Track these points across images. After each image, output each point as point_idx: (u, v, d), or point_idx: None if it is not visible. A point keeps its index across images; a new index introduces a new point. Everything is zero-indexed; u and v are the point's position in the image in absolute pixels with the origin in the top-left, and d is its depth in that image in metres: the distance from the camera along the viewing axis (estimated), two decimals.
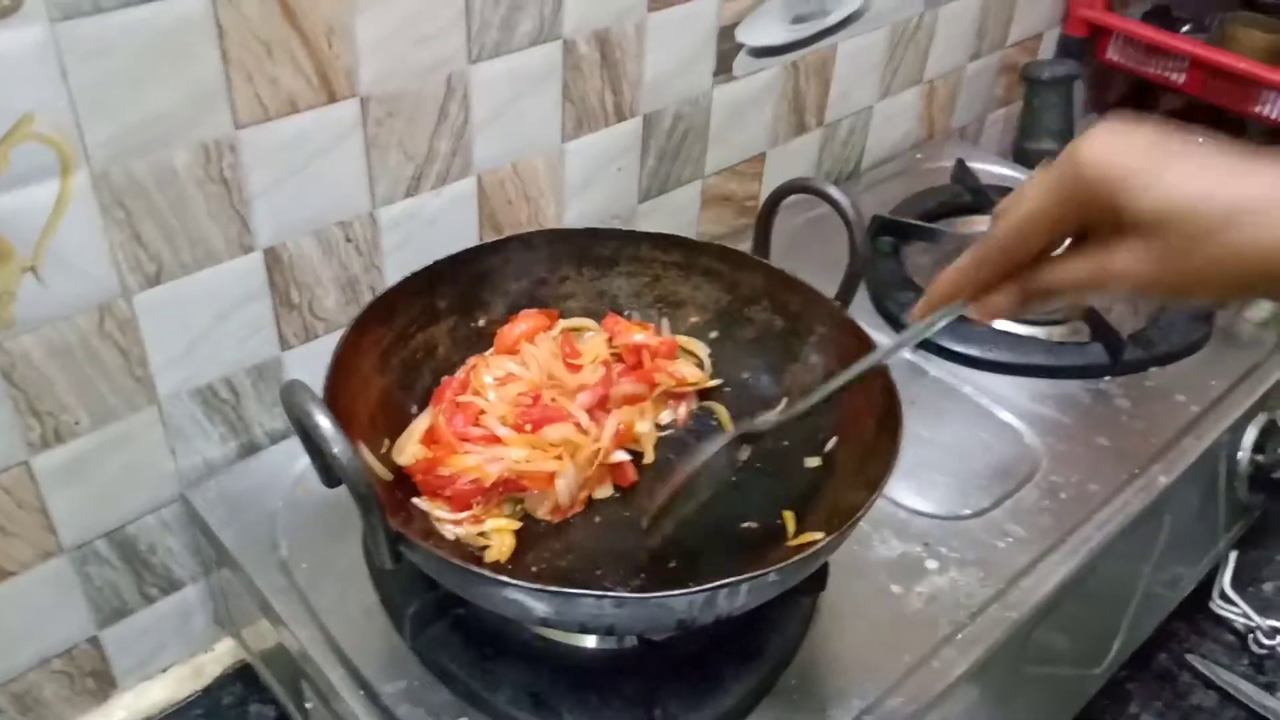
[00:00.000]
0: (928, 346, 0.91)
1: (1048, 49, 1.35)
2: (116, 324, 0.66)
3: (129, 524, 0.74)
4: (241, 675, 0.82)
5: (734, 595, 0.52)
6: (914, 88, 1.18)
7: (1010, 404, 0.86)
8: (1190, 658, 0.89)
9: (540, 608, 0.52)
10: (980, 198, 1.09)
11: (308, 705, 0.69)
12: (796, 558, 0.53)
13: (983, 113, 1.33)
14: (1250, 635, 0.90)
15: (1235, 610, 0.91)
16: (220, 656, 0.83)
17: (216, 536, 0.72)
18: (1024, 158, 1.29)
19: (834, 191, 0.68)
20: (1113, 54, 1.35)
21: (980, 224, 1.08)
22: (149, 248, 0.65)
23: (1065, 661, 0.79)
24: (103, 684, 0.78)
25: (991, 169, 1.18)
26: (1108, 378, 0.89)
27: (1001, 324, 0.94)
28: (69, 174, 0.59)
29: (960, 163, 1.12)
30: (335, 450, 0.49)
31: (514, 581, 0.51)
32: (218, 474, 0.77)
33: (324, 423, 0.49)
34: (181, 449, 0.74)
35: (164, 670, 0.81)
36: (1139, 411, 0.86)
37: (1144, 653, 0.89)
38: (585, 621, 0.53)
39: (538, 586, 0.50)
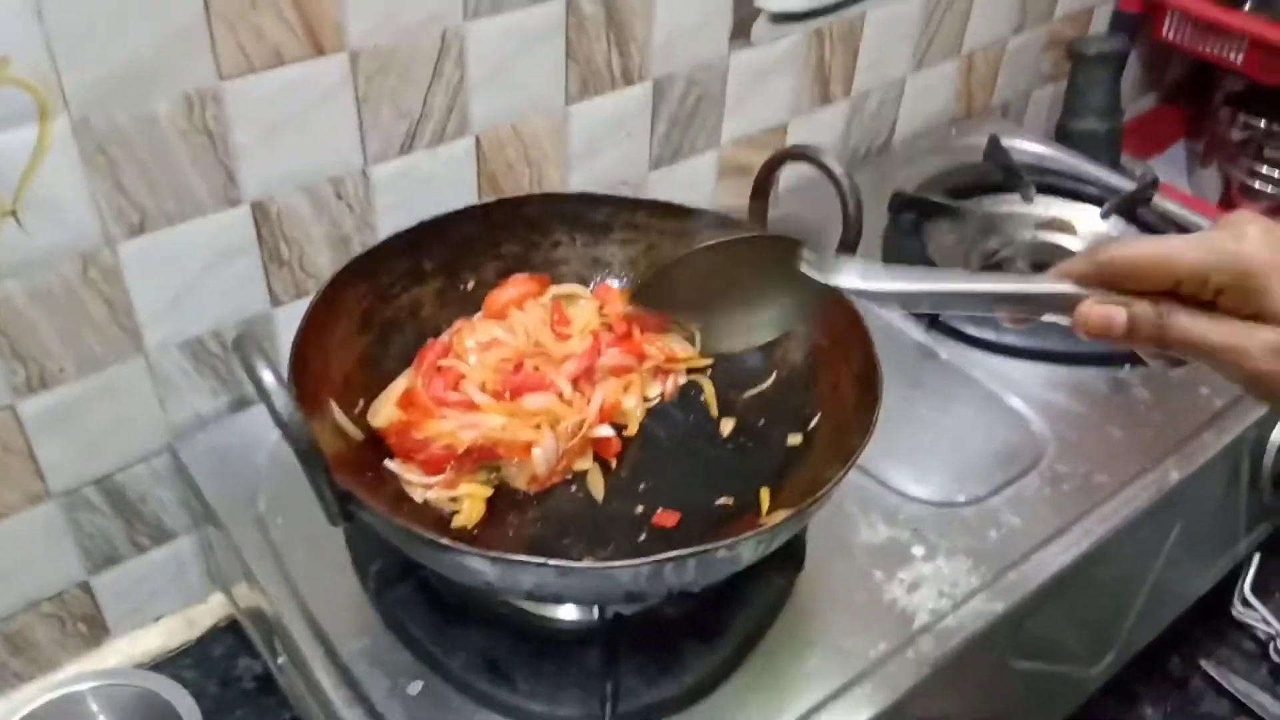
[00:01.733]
0: (940, 328, 0.88)
1: (1100, 25, 1.29)
2: (100, 272, 0.66)
3: (118, 473, 0.75)
4: (233, 629, 0.83)
5: (681, 569, 0.51)
6: (951, 60, 1.14)
7: (1021, 390, 0.82)
8: (1204, 663, 0.85)
9: (483, 570, 0.51)
10: (1013, 176, 1.05)
11: (280, 661, 0.69)
12: (748, 534, 0.51)
13: (1026, 90, 1.28)
14: (1271, 643, 0.86)
15: (1256, 616, 0.86)
16: (213, 609, 0.84)
17: (200, 489, 0.73)
18: (1067, 137, 1.24)
19: (827, 158, 0.66)
20: (1168, 32, 1.28)
21: (1010, 203, 1.04)
22: (132, 196, 0.65)
23: (1059, 658, 0.75)
24: (95, 629, 0.80)
25: (1030, 147, 1.14)
26: (1128, 366, 0.85)
27: None
28: (47, 119, 0.59)
29: (993, 139, 1.08)
30: (276, 403, 0.48)
31: (456, 546, 0.50)
32: (207, 427, 0.77)
33: (265, 375, 0.49)
34: (171, 401, 0.75)
35: (156, 619, 0.82)
36: (1158, 403, 0.82)
37: (1156, 655, 0.86)
38: (531, 589, 0.52)
39: (476, 550, 0.50)
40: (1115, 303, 0.47)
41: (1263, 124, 1.32)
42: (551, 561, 0.49)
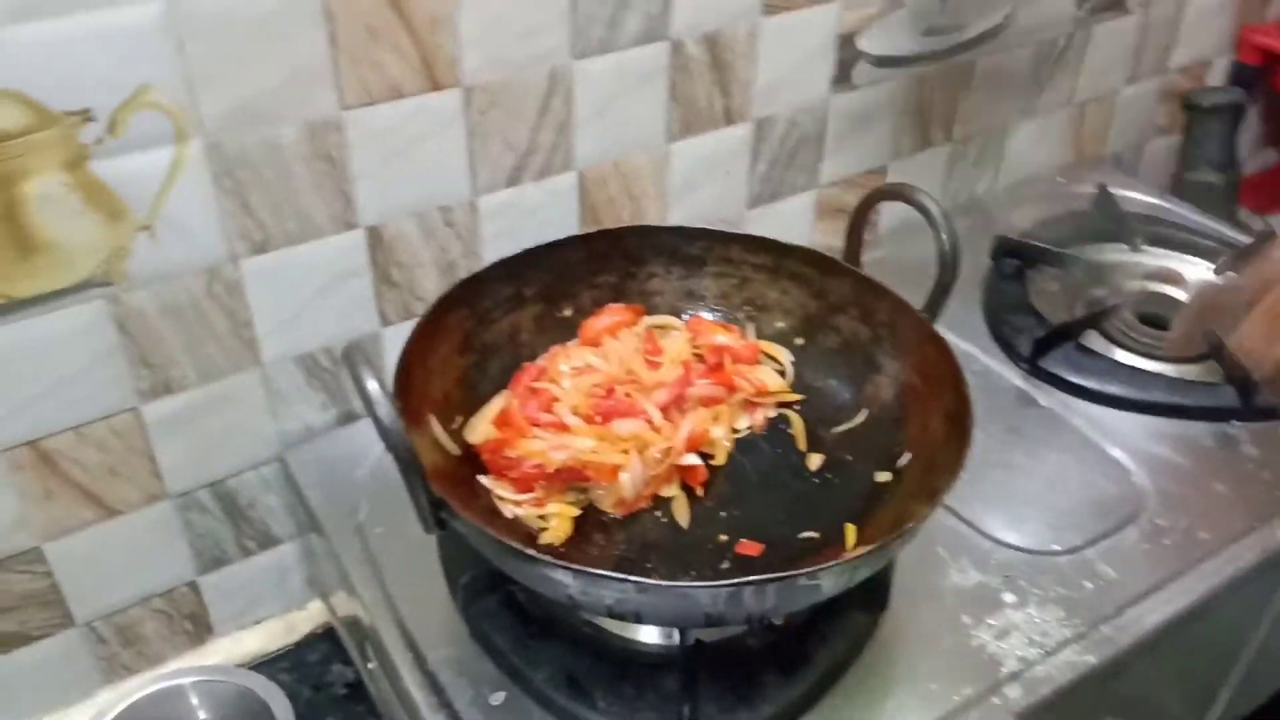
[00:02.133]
0: (1041, 374, 0.87)
1: (1217, 76, 1.26)
2: (224, 287, 0.71)
3: (231, 478, 0.79)
4: (329, 637, 0.86)
5: (761, 594, 0.51)
6: (1061, 110, 1.13)
7: (1122, 440, 0.80)
8: None
9: (568, 585, 0.52)
10: (1122, 226, 1.03)
11: (370, 666, 0.72)
12: (830, 564, 0.51)
13: (1140, 140, 1.25)
14: None
15: None
16: (312, 616, 0.87)
17: (305, 496, 0.76)
18: (1184, 189, 1.21)
19: (923, 197, 0.66)
20: None
21: (1118, 252, 1.02)
22: (256, 217, 0.69)
23: (1154, 716, 0.73)
24: (200, 628, 0.84)
25: (1142, 198, 1.11)
26: (1236, 422, 0.82)
27: (1130, 357, 0.89)
28: (183, 142, 0.64)
29: (1103, 188, 1.07)
30: (379, 411, 0.51)
31: (540, 556, 0.52)
32: (316, 439, 0.81)
33: (371, 384, 0.51)
34: (283, 412, 0.79)
35: (257, 622, 0.86)
36: (1268, 461, 0.79)
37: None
38: (611, 605, 0.53)
39: (560, 562, 0.51)
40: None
41: None
42: (631, 578, 0.50)
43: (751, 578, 0.50)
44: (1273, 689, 0.82)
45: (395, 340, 0.80)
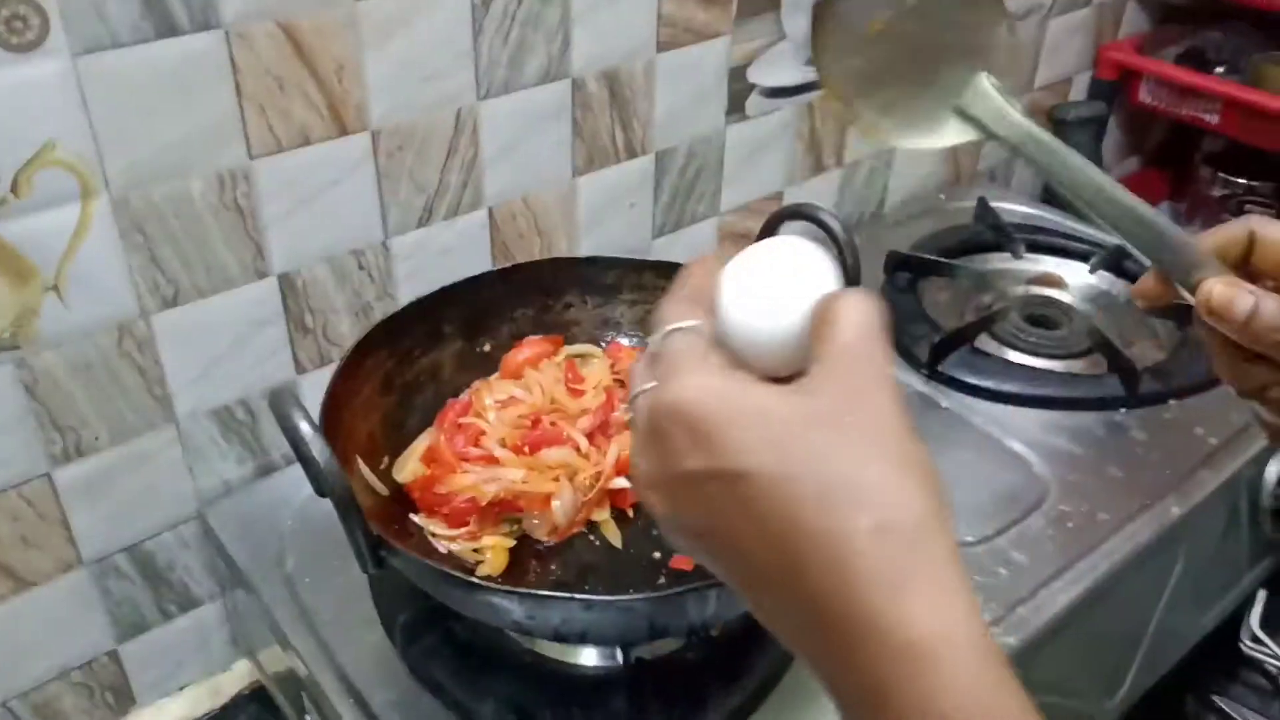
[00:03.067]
0: (939, 378, 0.91)
1: (1078, 92, 1.35)
2: (135, 343, 0.70)
3: (148, 540, 0.77)
4: (257, 697, 0.84)
5: (702, 601, 0.53)
6: None
7: (1021, 435, 0.85)
8: (1218, 700, 0.86)
9: (513, 610, 0.53)
10: (1002, 235, 1.09)
11: (307, 717, 0.71)
12: None
13: (1011, 156, 1.33)
14: None
15: (1266, 652, 0.87)
16: (238, 677, 0.85)
17: (229, 553, 0.75)
18: (1053, 199, 1.29)
19: (824, 215, 0.70)
20: (1145, 96, 1.34)
21: (1001, 260, 1.08)
22: (166, 271, 0.69)
23: (1072, 694, 0.77)
24: (122, 699, 0.81)
25: (1018, 208, 1.18)
26: (1124, 410, 0.88)
27: (1021, 357, 0.94)
28: (90, 199, 0.63)
29: (982, 201, 1.13)
30: (313, 452, 0.51)
31: (485, 584, 0.52)
32: (234, 494, 0.79)
33: (304, 426, 0.51)
34: (200, 468, 0.77)
35: (181, 688, 0.84)
36: (1155, 444, 0.84)
37: (1169, 693, 0.86)
38: (558, 626, 0.54)
39: (507, 588, 0.52)
40: (1245, 288, 0.43)
41: (1242, 181, 1.37)
42: (578, 595, 0.51)
43: (693, 584, 0.52)
44: (1177, 656, 0.87)
45: (312, 387, 0.80)
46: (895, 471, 0.33)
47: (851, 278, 0.71)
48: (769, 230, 0.75)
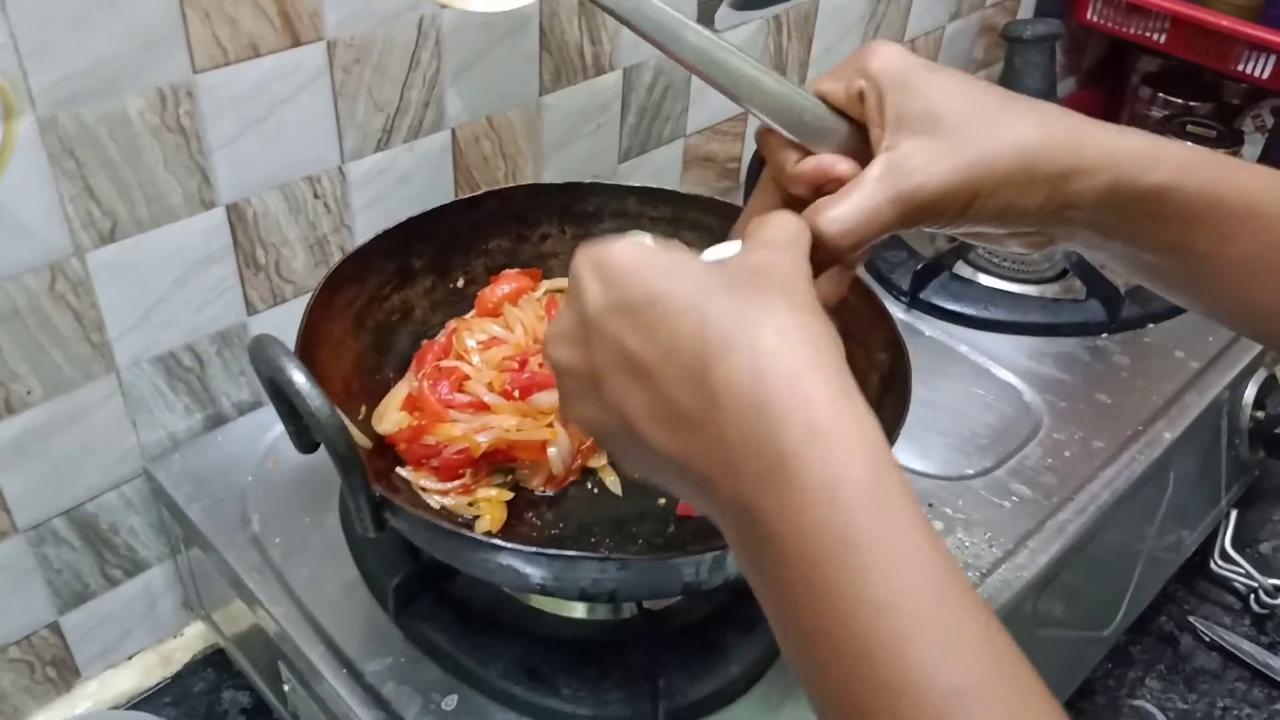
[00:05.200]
0: (920, 305, 0.89)
1: (1026, 10, 1.33)
2: (69, 285, 0.61)
3: (89, 502, 0.69)
4: (213, 661, 0.78)
5: None
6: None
7: (1008, 362, 0.83)
8: (1192, 619, 0.88)
9: (539, 574, 0.48)
10: None
11: (285, 687, 0.65)
12: None
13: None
14: (1251, 595, 0.88)
15: (1236, 570, 0.89)
16: (190, 642, 0.79)
17: (184, 513, 0.68)
18: None
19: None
20: (1092, 14, 1.32)
21: None
22: (102, 202, 0.60)
23: (1074, 624, 0.76)
24: (65, 673, 0.74)
25: None
26: (1105, 335, 0.87)
27: (997, 282, 0.92)
28: (12, 119, 0.55)
29: None
30: (314, 406, 0.45)
31: (511, 545, 0.47)
32: (182, 448, 0.72)
33: (299, 378, 0.45)
34: (143, 421, 0.70)
35: (130, 658, 0.77)
36: (1139, 368, 0.84)
37: (1146, 616, 0.87)
38: (586, 587, 0.49)
39: (536, 550, 0.47)
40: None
41: (1180, 101, 1.38)
42: (614, 556, 0.47)
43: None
44: (1165, 578, 0.87)
45: (262, 329, 0.73)
46: (800, 312, 0.35)
47: None
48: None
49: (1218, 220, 0.42)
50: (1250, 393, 0.86)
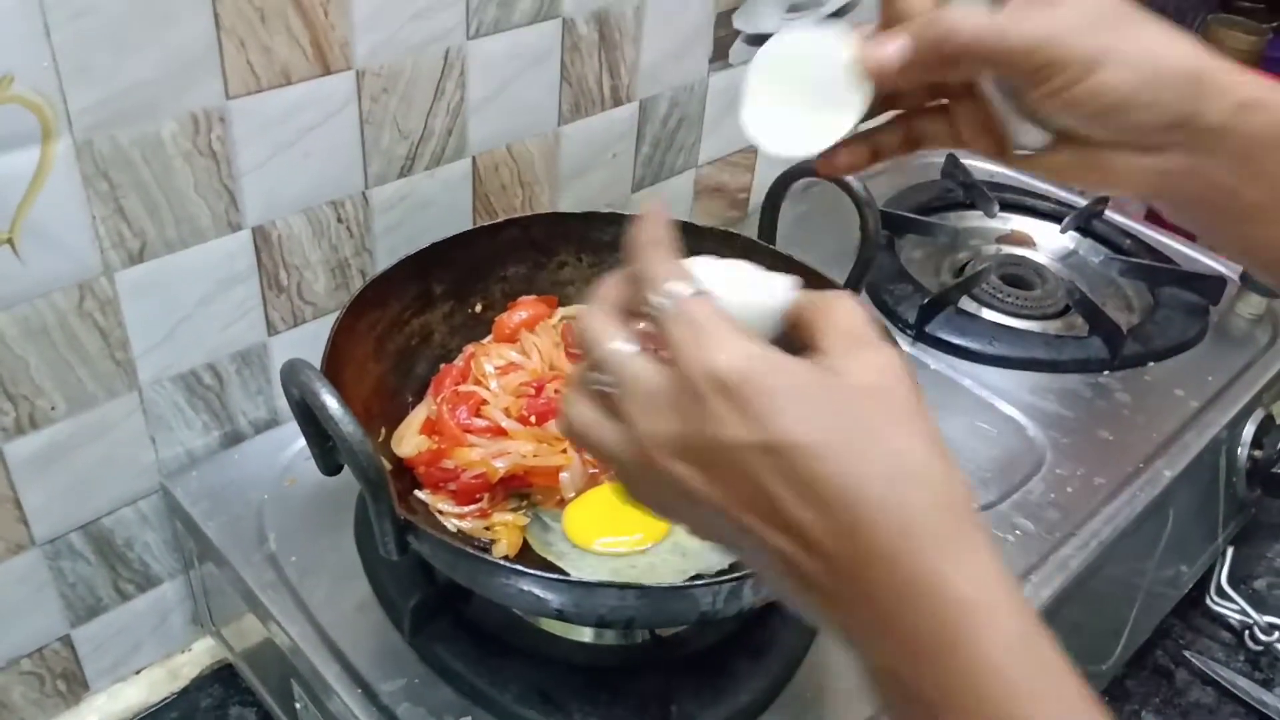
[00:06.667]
0: (926, 339, 0.90)
1: None
2: (97, 303, 0.63)
3: (105, 516, 0.70)
4: (220, 676, 0.79)
5: (759, 587, 0.50)
6: None
7: (1012, 397, 0.85)
8: (1188, 654, 0.89)
9: (558, 600, 0.49)
10: (973, 192, 1.08)
11: (297, 705, 0.66)
12: None
13: None
14: (1246, 631, 0.89)
15: (1232, 607, 0.90)
16: (198, 657, 0.79)
17: (200, 529, 0.69)
18: None
19: (849, 176, 0.67)
20: None
21: (974, 218, 1.07)
22: (133, 223, 0.62)
23: (1074, 658, 0.77)
24: (74, 686, 0.74)
25: (982, 164, 1.17)
26: (1107, 372, 0.88)
27: (1001, 317, 0.93)
28: (50, 141, 0.56)
29: (951, 157, 1.11)
30: (346, 431, 0.46)
31: (533, 572, 0.48)
32: (199, 465, 0.73)
33: (331, 403, 0.47)
34: (162, 438, 0.71)
35: (138, 672, 0.78)
36: (1140, 406, 0.85)
37: (1142, 650, 0.88)
38: (604, 614, 0.50)
39: (557, 578, 0.48)
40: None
41: None
42: (633, 585, 0.48)
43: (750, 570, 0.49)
44: (1162, 614, 0.89)
45: (283, 350, 0.74)
46: (939, 454, 0.35)
47: (872, 240, 0.68)
48: (784, 185, 0.72)
49: None
50: (1249, 432, 0.87)
